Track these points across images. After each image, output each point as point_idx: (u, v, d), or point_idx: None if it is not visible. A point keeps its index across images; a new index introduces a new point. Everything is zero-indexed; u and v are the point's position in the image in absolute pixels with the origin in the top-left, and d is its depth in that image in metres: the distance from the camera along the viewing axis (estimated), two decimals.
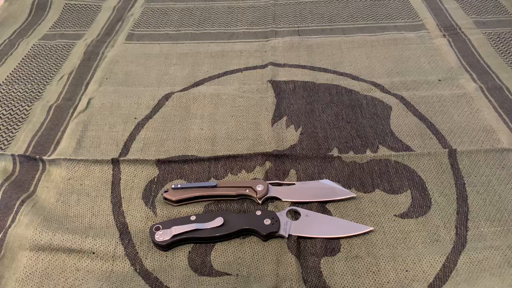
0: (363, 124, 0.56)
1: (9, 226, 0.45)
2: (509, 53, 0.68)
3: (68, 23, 0.80)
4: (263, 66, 0.67)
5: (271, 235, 0.43)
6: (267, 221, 0.43)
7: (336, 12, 0.81)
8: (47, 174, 0.50)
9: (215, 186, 0.47)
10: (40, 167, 0.51)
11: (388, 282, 0.40)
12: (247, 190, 0.47)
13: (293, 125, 0.57)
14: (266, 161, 0.51)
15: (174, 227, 0.42)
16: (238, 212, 0.46)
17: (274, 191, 0.47)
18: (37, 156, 0.52)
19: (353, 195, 0.47)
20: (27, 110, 0.60)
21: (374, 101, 0.60)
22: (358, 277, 0.40)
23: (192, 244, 0.43)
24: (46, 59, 0.70)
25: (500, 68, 0.65)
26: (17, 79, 0.66)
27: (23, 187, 0.49)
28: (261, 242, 0.43)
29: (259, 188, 0.46)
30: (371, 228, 0.43)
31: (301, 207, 0.45)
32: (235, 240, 0.43)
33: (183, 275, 0.41)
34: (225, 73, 0.66)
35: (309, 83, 0.63)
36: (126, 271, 0.41)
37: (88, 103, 0.61)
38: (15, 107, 0.61)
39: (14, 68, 0.68)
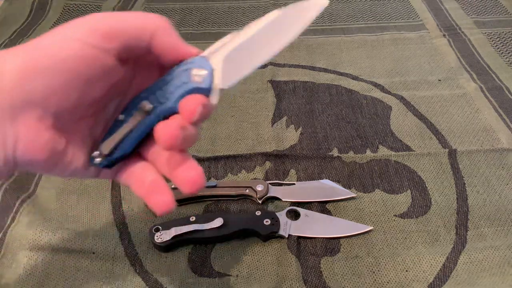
0: (363, 124, 0.56)
1: (9, 226, 0.44)
2: (509, 53, 0.68)
3: None
4: (263, 66, 0.67)
5: (271, 235, 0.43)
6: (267, 221, 0.43)
7: (336, 12, 0.81)
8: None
9: (215, 186, 0.47)
10: None
11: (388, 282, 0.40)
12: (247, 190, 0.47)
13: (293, 125, 0.57)
14: (266, 161, 0.51)
15: (173, 228, 0.42)
16: (238, 212, 0.46)
17: (274, 191, 0.47)
18: None
19: (353, 195, 0.47)
20: None
21: (374, 101, 0.60)
22: (358, 277, 0.40)
23: (191, 245, 0.43)
24: None
25: (500, 68, 0.65)
26: None
27: (23, 187, 0.49)
28: (261, 243, 0.43)
29: (259, 188, 0.46)
30: (371, 228, 0.43)
31: (301, 207, 0.45)
32: (235, 240, 0.43)
33: (183, 276, 0.40)
34: None
35: (309, 83, 0.63)
36: (126, 272, 0.41)
37: None
38: None
39: None
